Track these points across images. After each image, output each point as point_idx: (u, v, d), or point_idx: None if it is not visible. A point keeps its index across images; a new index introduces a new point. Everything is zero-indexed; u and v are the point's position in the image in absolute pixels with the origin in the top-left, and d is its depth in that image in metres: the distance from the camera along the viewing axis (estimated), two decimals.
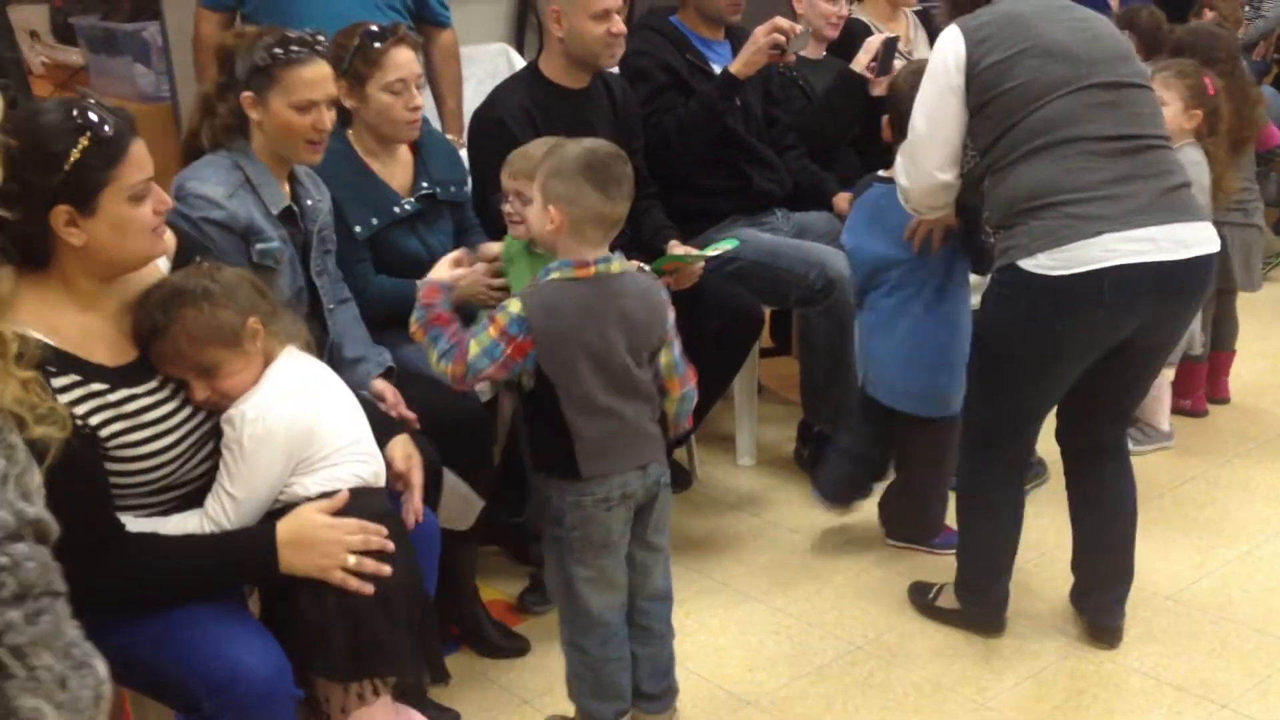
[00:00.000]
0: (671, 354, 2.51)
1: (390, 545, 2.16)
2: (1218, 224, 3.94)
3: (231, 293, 2.14)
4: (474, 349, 2.37)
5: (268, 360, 2.18)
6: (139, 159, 2.03)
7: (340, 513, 2.14)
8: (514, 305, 2.37)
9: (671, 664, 2.66)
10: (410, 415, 2.65)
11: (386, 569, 2.14)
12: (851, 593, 3.27)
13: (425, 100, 3.20)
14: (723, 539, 3.55)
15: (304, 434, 2.15)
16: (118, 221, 2.00)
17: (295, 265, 2.68)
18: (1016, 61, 2.72)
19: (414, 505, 2.36)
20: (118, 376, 2.06)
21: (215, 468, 2.15)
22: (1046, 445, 3.75)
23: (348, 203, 2.98)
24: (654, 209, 3.61)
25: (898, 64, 4.05)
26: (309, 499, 2.15)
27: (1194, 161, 3.63)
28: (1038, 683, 2.90)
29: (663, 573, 2.58)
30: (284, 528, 2.11)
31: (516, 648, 2.98)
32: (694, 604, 3.18)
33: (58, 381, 1.98)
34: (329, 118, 2.61)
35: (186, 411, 2.14)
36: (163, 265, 2.21)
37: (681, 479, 3.66)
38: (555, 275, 2.39)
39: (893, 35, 4.05)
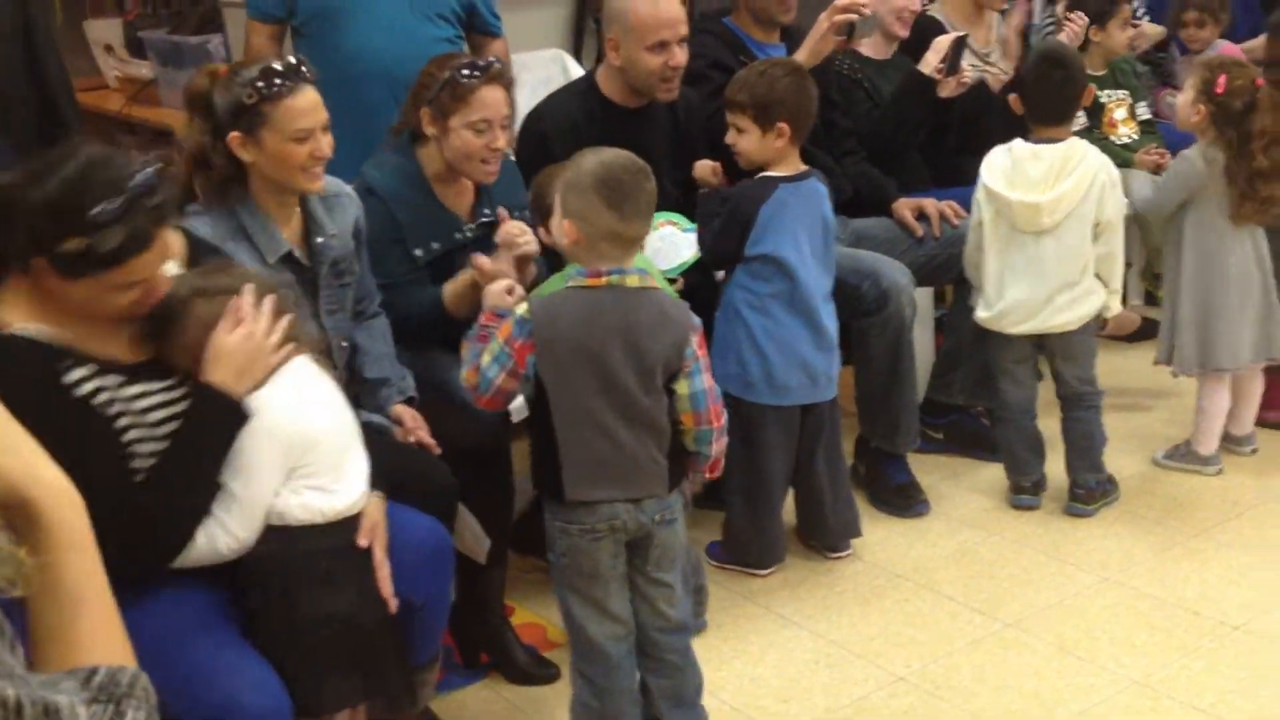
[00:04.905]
0: (692, 386, 2.40)
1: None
2: None
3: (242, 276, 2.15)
4: (485, 357, 2.35)
5: (280, 361, 2.16)
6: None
7: (307, 541, 2.13)
8: (521, 307, 2.33)
9: (698, 694, 2.58)
10: (429, 441, 2.62)
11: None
12: (899, 620, 3.14)
13: None
14: None
15: (303, 438, 2.13)
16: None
17: (302, 308, 2.61)
18: None
19: (380, 578, 2.24)
20: (132, 371, 2.06)
21: None
22: (1116, 463, 3.65)
23: (409, 224, 2.94)
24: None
25: (968, 65, 3.93)
26: (285, 525, 2.13)
27: (1184, 157, 3.63)
28: (1089, 717, 2.76)
29: (675, 605, 2.49)
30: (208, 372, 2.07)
31: (547, 675, 2.91)
32: (733, 629, 3.09)
33: (73, 374, 1.98)
34: (326, 143, 2.55)
35: None
36: (172, 268, 2.17)
37: (717, 493, 3.51)
38: (569, 283, 2.35)
39: (962, 34, 3.91)
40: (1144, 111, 4.68)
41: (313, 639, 2.13)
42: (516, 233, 2.80)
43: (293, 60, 2.52)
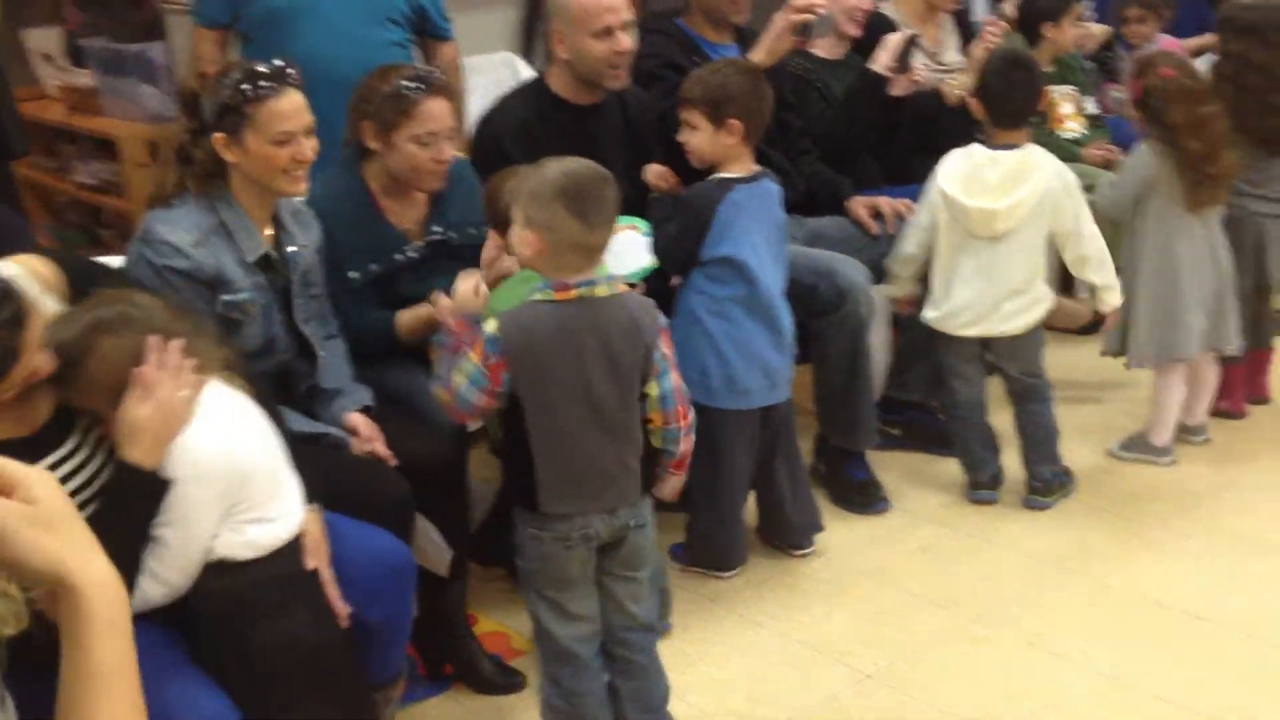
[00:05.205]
0: (662, 387, 2.40)
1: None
2: (1254, 216, 3.86)
3: (150, 316, 2.06)
4: (459, 379, 2.32)
5: (193, 408, 2.07)
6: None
7: (256, 572, 2.09)
8: (490, 325, 2.30)
9: (664, 699, 2.56)
10: (384, 453, 2.59)
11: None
12: (865, 617, 3.14)
13: None
14: None
15: (237, 474, 2.07)
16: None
17: (270, 314, 2.59)
18: None
19: (330, 596, 2.23)
20: (31, 444, 1.98)
21: None
22: (1071, 455, 3.67)
23: (348, 244, 2.89)
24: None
25: (920, 64, 3.94)
26: (233, 561, 2.08)
27: (1138, 152, 3.70)
28: (1057, 712, 2.77)
29: (642, 603, 2.47)
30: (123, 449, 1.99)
31: (512, 684, 2.88)
32: (699, 631, 3.07)
33: None
34: (309, 146, 2.53)
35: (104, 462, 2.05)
36: (51, 304, 2.08)
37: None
38: (536, 296, 2.31)
39: (913, 32, 3.92)
40: (1091, 107, 4.72)
41: (272, 668, 2.09)
42: (494, 255, 2.77)
43: (279, 63, 2.51)
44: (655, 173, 3.29)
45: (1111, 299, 3.54)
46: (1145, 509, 3.60)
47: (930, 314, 3.53)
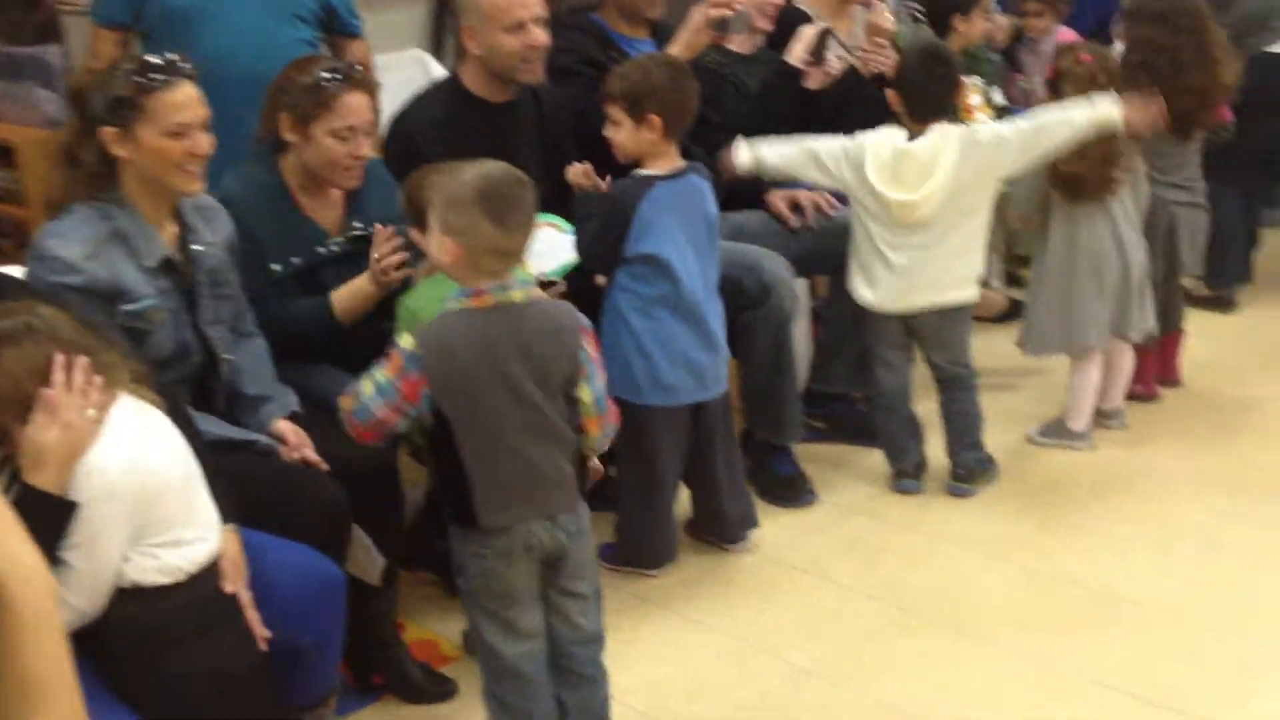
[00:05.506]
0: (594, 390, 2.35)
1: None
2: (1166, 204, 3.92)
3: (54, 328, 1.99)
4: (368, 387, 2.25)
5: (100, 427, 1.99)
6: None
7: (171, 598, 2.03)
8: (406, 341, 2.23)
9: (606, 705, 2.52)
10: (315, 459, 2.52)
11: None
12: (798, 612, 3.13)
13: None
14: None
15: (147, 491, 2.00)
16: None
17: (179, 319, 2.51)
18: None
19: (250, 620, 2.16)
20: None
21: None
22: (990, 442, 3.70)
23: (268, 238, 2.83)
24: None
25: (835, 57, 3.94)
26: (146, 586, 2.02)
27: None
28: (994, 698, 2.77)
29: (588, 615, 2.43)
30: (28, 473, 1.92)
31: (444, 692, 2.82)
32: (632, 632, 3.03)
33: None
34: (205, 141, 2.45)
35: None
36: None
37: (610, 494, 3.46)
38: (451, 305, 2.26)
39: (827, 25, 3.92)
40: (999, 98, 4.77)
41: (189, 697, 2.03)
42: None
43: (172, 56, 2.42)
44: (577, 171, 3.25)
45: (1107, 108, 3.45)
46: (1067, 494, 3.64)
47: (862, 291, 3.54)
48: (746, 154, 3.51)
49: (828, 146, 3.49)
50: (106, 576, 1.98)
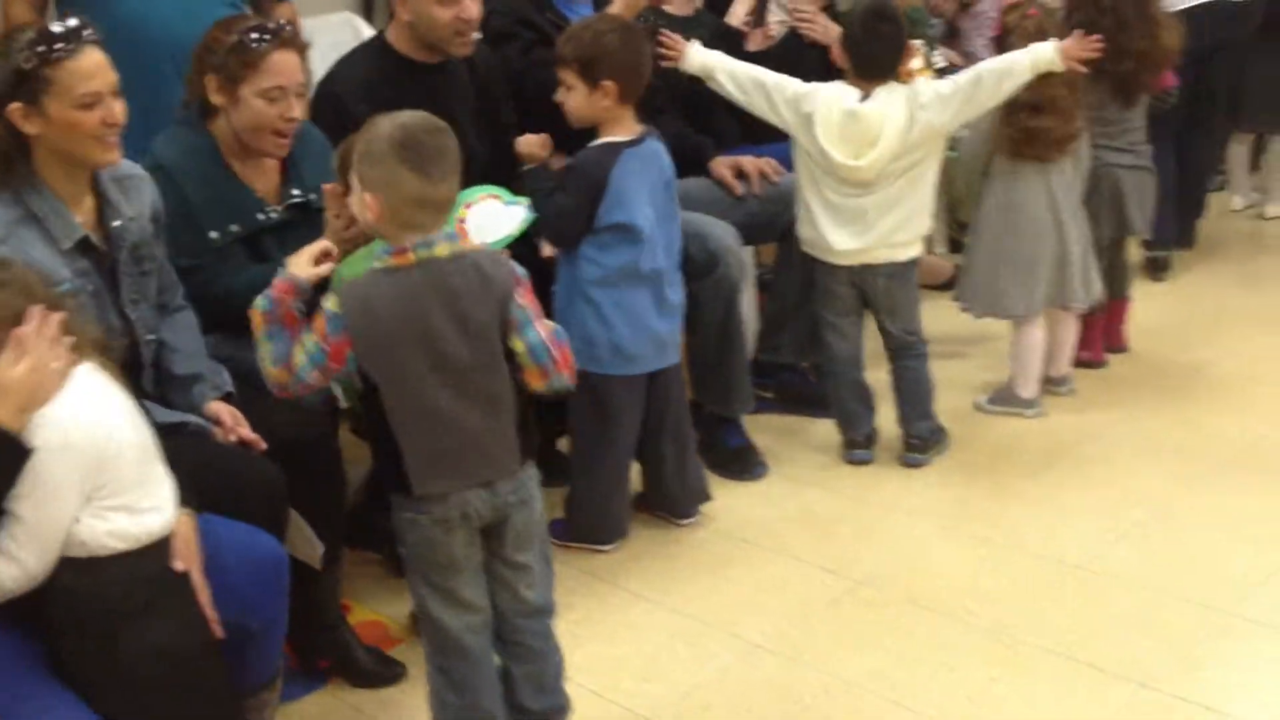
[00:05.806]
0: (527, 339, 2.23)
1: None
2: (1110, 168, 3.90)
3: (29, 285, 1.99)
4: (299, 356, 2.18)
5: (63, 381, 1.96)
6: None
7: (121, 570, 1.97)
8: (330, 301, 2.15)
9: (559, 679, 2.45)
10: (251, 437, 2.42)
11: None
12: (750, 586, 3.08)
13: None
14: None
15: (102, 450, 1.94)
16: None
17: (103, 298, 2.38)
18: None
19: (201, 601, 2.08)
20: None
21: None
22: (939, 410, 3.66)
23: (205, 204, 2.72)
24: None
25: (776, 21, 3.88)
26: (96, 556, 1.95)
27: None
28: (949, 671, 2.74)
29: (535, 587, 2.35)
30: None
31: (393, 674, 2.74)
32: (584, 609, 2.97)
33: None
34: (118, 108, 2.31)
35: None
36: None
37: (561, 469, 3.40)
38: (375, 265, 2.17)
39: None
40: (939, 60, 4.74)
41: (138, 676, 1.97)
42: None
43: (74, 22, 2.28)
44: (533, 142, 3.14)
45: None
46: (1018, 462, 3.62)
47: (806, 233, 3.51)
48: (699, 59, 3.43)
49: (778, 83, 3.44)
50: (56, 533, 1.92)
